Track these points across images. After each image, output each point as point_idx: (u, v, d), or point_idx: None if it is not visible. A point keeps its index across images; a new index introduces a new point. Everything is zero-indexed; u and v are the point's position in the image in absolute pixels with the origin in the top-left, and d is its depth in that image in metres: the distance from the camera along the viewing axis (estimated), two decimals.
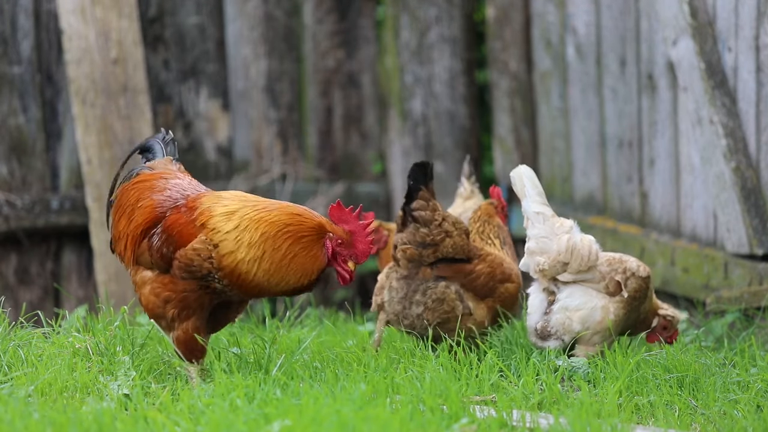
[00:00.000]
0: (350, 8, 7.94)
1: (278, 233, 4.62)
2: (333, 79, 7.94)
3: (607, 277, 5.16)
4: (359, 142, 8.01)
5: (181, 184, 4.82)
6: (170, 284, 4.67)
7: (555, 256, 5.15)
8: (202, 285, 4.65)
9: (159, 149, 4.98)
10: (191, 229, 4.64)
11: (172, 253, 4.65)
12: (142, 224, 4.74)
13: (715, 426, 4.43)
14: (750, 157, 6.19)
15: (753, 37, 6.12)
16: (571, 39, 7.36)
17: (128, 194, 4.83)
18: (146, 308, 4.72)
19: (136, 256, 4.74)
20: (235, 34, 7.75)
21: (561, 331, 5.15)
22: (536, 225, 5.20)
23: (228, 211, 4.65)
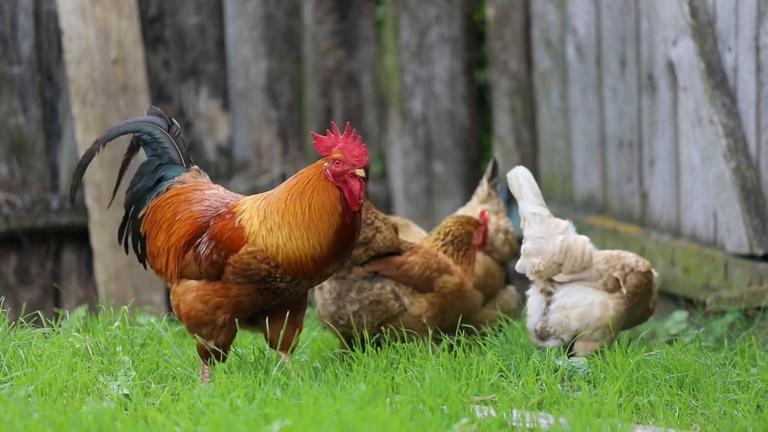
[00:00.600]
0: (350, 8, 7.94)
1: (287, 201, 4.62)
2: (333, 79, 7.94)
3: (604, 275, 5.17)
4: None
5: (218, 193, 4.81)
6: (222, 290, 4.66)
7: (550, 257, 5.15)
8: (261, 288, 4.63)
9: (167, 140, 4.92)
10: (241, 233, 4.63)
11: (224, 259, 4.63)
12: (185, 236, 4.72)
13: (715, 426, 4.43)
14: (750, 157, 6.19)
15: (753, 37, 6.12)
16: (571, 39, 7.36)
17: (162, 210, 4.79)
18: (187, 316, 4.68)
19: (180, 269, 4.71)
20: (235, 34, 7.75)
21: (560, 330, 5.15)
22: (533, 226, 5.20)
23: (248, 209, 4.66)
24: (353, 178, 4.62)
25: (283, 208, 4.62)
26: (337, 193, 4.62)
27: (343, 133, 4.67)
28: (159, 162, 4.89)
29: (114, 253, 7.33)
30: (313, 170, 4.66)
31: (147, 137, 4.92)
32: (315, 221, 4.60)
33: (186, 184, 4.85)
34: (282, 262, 4.60)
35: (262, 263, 4.61)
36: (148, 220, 4.82)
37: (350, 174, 4.63)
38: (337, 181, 4.63)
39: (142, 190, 4.87)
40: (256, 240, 4.61)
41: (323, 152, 4.67)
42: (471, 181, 7.82)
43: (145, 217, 4.83)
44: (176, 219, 4.76)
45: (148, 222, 4.82)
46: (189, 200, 4.79)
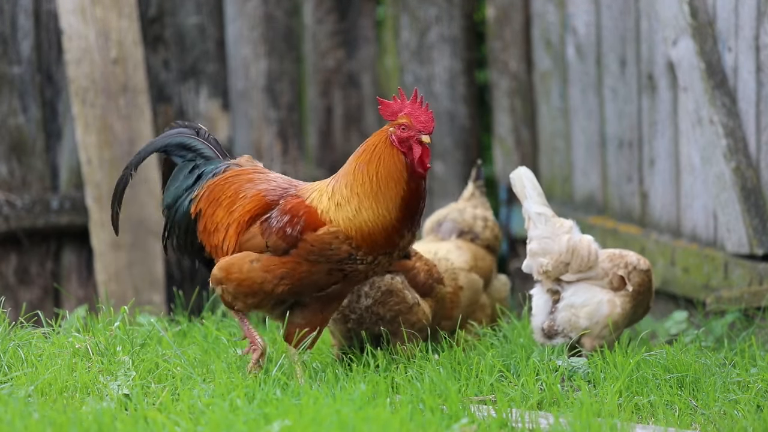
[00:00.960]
0: (350, 8, 7.94)
1: (355, 172, 4.63)
2: (333, 79, 7.94)
3: (610, 273, 5.20)
4: (359, 142, 7.97)
5: (281, 177, 4.83)
6: (290, 263, 4.64)
7: (557, 257, 5.17)
8: (333, 269, 4.63)
9: (198, 143, 4.93)
10: (316, 212, 4.64)
11: (299, 234, 4.63)
12: (251, 211, 4.71)
13: (715, 426, 4.43)
14: (750, 157, 6.19)
15: (753, 37, 6.12)
16: (571, 39, 7.36)
17: (222, 188, 4.80)
18: (240, 282, 4.69)
19: (241, 243, 4.71)
20: (235, 34, 7.75)
21: (568, 328, 5.17)
22: (538, 226, 5.22)
23: (318, 189, 4.68)
24: (418, 144, 4.62)
25: (351, 180, 4.63)
26: (402, 159, 4.62)
27: (410, 99, 4.67)
28: (194, 164, 4.91)
29: (114, 253, 7.33)
30: (379, 137, 4.67)
31: (176, 148, 4.94)
32: (382, 189, 4.60)
33: (244, 167, 4.87)
34: (355, 236, 4.59)
35: (343, 244, 4.60)
36: (203, 198, 4.82)
37: (416, 140, 4.63)
38: (402, 146, 4.62)
39: (181, 189, 4.88)
40: (329, 216, 4.61)
41: (389, 117, 4.68)
42: None
43: (198, 196, 4.83)
44: (239, 196, 4.76)
45: (204, 200, 4.82)
46: (253, 180, 4.80)
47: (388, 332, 5.09)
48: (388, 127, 4.68)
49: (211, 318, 5.79)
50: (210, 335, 5.41)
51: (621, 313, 5.18)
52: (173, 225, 4.90)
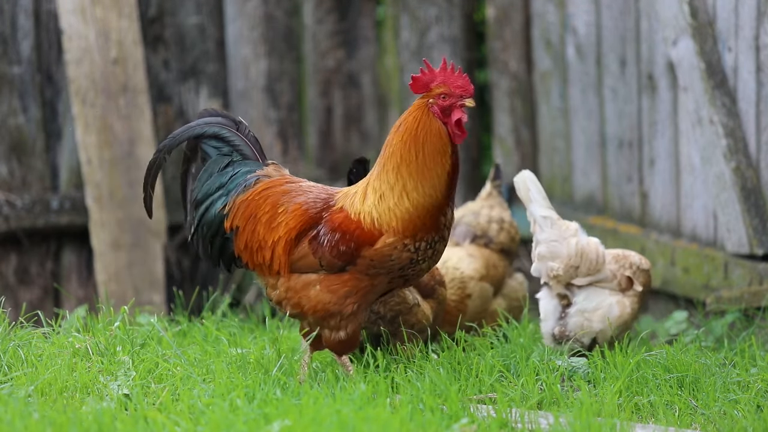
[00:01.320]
0: (350, 8, 7.94)
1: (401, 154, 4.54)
2: (333, 79, 7.94)
3: (618, 275, 5.22)
4: (359, 142, 8.01)
5: (315, 185, 4.73)
6: (351, 281, 4.58)
7: (567, 261, 5.17)
8: (395, 276, 4.59)
9: (237, 138, 4.79)
10: (368, 225, 4.56)
11: (354, 251, 4.55)
12: (297, 227, 4.62)
13: (715, 426, 4.43)
14: (750, 157, 6.19)
15: (753, 37, 6.12)
16: (571, 39, 7.36)
17: (257, 203, 4.68)
18: (314, 309, 4.62)
19: (292, 262, 4.62)
20: (235, 34, 7.75)
21: (580, 333, 5.18)
22: (545, 229, 5.21)
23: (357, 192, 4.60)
24: (460, 110, 4.54)
25: (397, 163, 4.53)
26: (444, 130, 4.53)
27: (439, 68, 4.57)
28: (230, 159, 4.77)
29: (114, 253, 7.34)
30: (418, 111, 4.56)
31: (211, 138, 4.79)
32: (428, 165, 4.52)
33: (272, 177, 4.75)
34: (399, 228, 4.51)
35: (403, 252, 4.55)
36: (239, 215, 4.69)
37: (458, 106, 4.54)
38: (444, 116, 4.53)
39: (213, 187, 4.75)
40: (373, 218, 4.53)
41: (420, 90, 4.56)
42: (471, 181, 7.82)
43: (231, 212, 4.70)
44: (279, 211, 4.65)
45: (240, 217, 4.69)
46: (288, 192, 4.69)
47: (387, 332, 5.08)
48: (423, 100, 4.55)
49: (211, 318, 5.79)
50: (210, 335, 5.41)
51: (631, 314, 5.21)
52: (201, 224, 4.77)
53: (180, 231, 7.67)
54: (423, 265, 4.61)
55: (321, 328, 4.64)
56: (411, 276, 4.63)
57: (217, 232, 4.75)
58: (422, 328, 5.11)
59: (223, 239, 4.75)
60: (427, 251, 4.58)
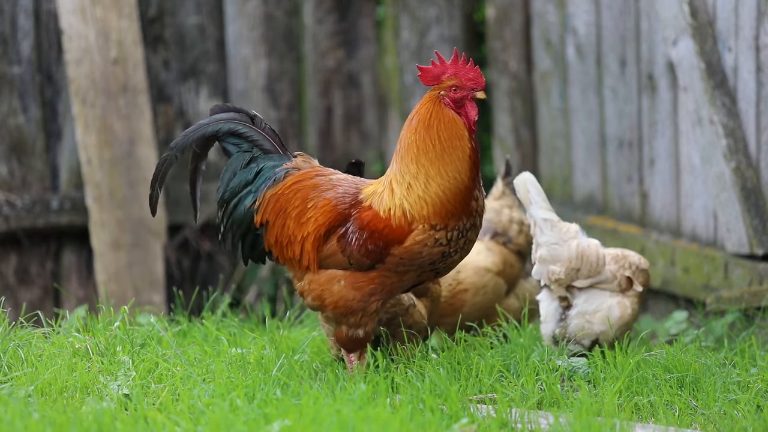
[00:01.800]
0: (350, 8, 7.94)
1: (417, 144, 4.54)
2: (333, 79, 7.94)
3: (618, 275, 5.22)
4: (359, 142, 8.01)
5: (345, 178, 4.70)
6: (378, 278, 4.55)
7: (567, 264, 5.17)
8: (426, 270, 4.56)
9: (255, 132, 4.73)
10: (399, 222, 4.53)
11: (383, 250, 4.52)
12: (326, 224, 4.60)
13: (715, 426, 4.43)
14: (750, 157, 6.19)
15: (753, 37, 6.12)
16: (571, 39, 7.36)
17: (287, 197, 4.66)
18: (336, 305, 4.59)
19: (321, 260, 4.60)
20: (235, 34, 7.75)
21: (581, 335, 5.19)
22: (545, 232, 5.21)
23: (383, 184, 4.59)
24: (471, 102, 4.55)
25: (415, 153, 4.54)
26: (456, 117, 4.53)
27: (450, 60, 4.57)
28: (251, 155, 4.72)
29: (114, 253, 7.34)
30: (430, 104, 4.56)
31: (228, 135, 4.74)
32: (447, 150, 4.51)
33: (303, 169, 4.71)
34: (431, 214, 4.50)
35: (435, 247, 4.52)
36: (269, 209, 4.66)
37: (470, 98, 4.55)
38: (456, 107, 4.53)
39: (239, 185, 4.72)
40: (404, 210, 4.51)
41: (431, 82, 4.57)
42: None
43: (261, 207, 4.67)
44: (308, 206, 4.62)
45: (270, 211, 4.66)
46: (317, 186, 4.67)
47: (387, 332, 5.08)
48: (434, 92, 4.55)
49: (211, 318, 5.79)
50: (210, 335, 5.41)
51: (631, 314, 5.21)
52: (231, 223, 4.74)
53: (180, 231, 7.67)
54: (455, 257, 4.56)
55: (338, 324, 4.63)
56: (442, 269, 4.60)
57: (248, 230, 4.72)
58: (420, 328, 5.11)
59: (254, 236, 4.73)
60: (459, 241, 4.54)
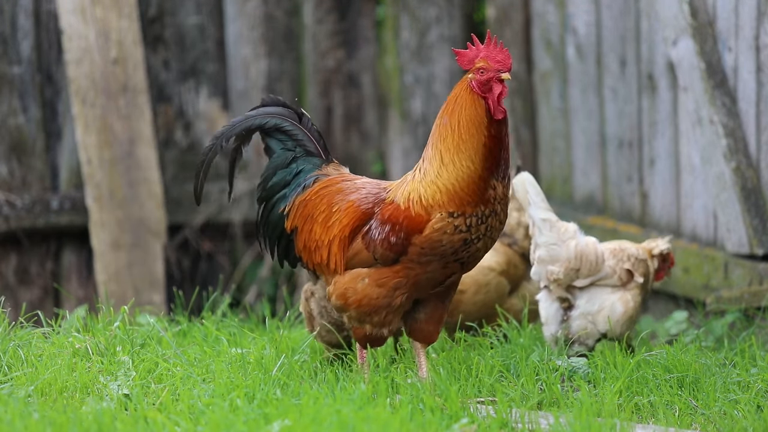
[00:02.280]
0: (350, 8, 7.94)
1: (439, 129, 4.54)
2: (333, 79, 7.94)
3: (617, 270, 5.22)
4: (359, 142, 8.01)
5: (370, 182, 4.70)
6: (402, 270, 4.53)
7: (567, 264, 5.17)
8: (448, 261, 4.52)
9: (300, 132, 4.73)
10: (418, 211, 4.51)
11: (405, 241, 4.51)
12: (349, 225, 4.60)
13: (716, 426, 4.43)
14: (750, 157, 6.19)
15: (753, 37, 6.12)
16: (571, 39, 7.36)
17: (314, 203, 4.66)
18: (359, 303, 4.58)
19: (347, 259, 4.60)
20: (235, 34, 7.75)
21: (584, 336, 5.19)
22: (544, 232, 5.21)
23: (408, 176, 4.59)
24: (498, 84, 4.51)
25: (435, 138, 4.54)
26: (482, 105, 4.51)
27: (484, 43, 4.56)
28: (293, 155, 4.72)
29: (114, 253, 7.34)
30: (460, 86, 4.57)
31: (274, 131, 4.74)
32: (464, 138, 4.49)
33: (331, 175, 4.72)
34: (445, 201, 4.48)
35: (455, 234, 4.49)
36: (298, 215, 4.68)
37: (495, 80, 4.52)
38: (482, 90, 4.51)
39: (278, 185, 4.72)
40: (419, 198, 4.50)
41: (467, 66, 4.57)
42: None
43: (291, 213, 4.69)
44: (333, 210, 4.63)
45: (299, 217, 4.68)
46: (342, 190, 4.67)
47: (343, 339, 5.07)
48: (466, 76, 4.55)
49: (211, 318, 5.79)
50: (210, 335, 5.41)
51: (635, 307, 5.21)
52: (266, 224, 4.74)
53: (180, 231, 7.67)
54: (478, 244, 4.52)
55: (361, 323, 4.61)
56: (467, 259, 4.55)
57: (282, 234, 4.73)
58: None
59: (287, 240, 4.73)
60: (480, 227, 4.51)
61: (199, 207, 4.90)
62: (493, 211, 4.53)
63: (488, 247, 4.59)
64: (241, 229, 7.76)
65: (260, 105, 4.80)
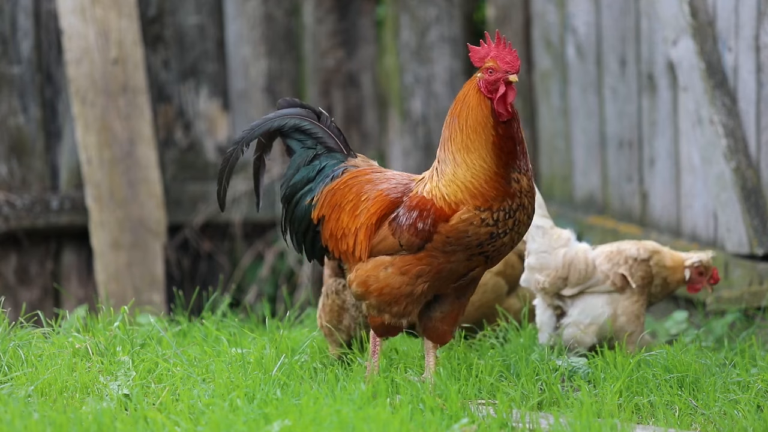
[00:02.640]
0: (350, 8, 7.94)
1: (450, 129, 4.56)
2: (333, 79, 7.94)
3: (611, 275, 5.18)
4: (359, 142, 8.01)
5: (399, 173, 4.70)
6: (426, 258, 4.51)
7: (554, 273, 5.15)
8: (472, 253, 4.50)
9: (320, 130, 4.74)
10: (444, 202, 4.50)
11: (431, 228, 4.49)
12: (377, 213, 4.59)
13: (716, 426, 4.43)
14: (750, 157, 6.19)
15: (753, 37, 6.12)
16: (571, 39, 7.36)
17: (343, 192, 4.66)
18: (380, 292, 4.56)
19: (372, 246, 4.58)
20: (235, 34, 7.75)
21: (575, 344, 5.17)
22: (536, 239, 5.19)
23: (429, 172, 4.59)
24: (505, 85, 4.53)
25: (446, 138, 4.56)
26: (488, 104, 4.52)
27: (495, 42, 4.57)
28: (315, 152, 4.73)
29: (114, 253, 7.34)
30: (468, 86, 4.58)
31: (293, 131, 4.76)
32: (471, 138, 4.51)
33: (360, 167, 4.72)
34: (467, 198, 4.47)
35: (481, 227, 4.47)
36: (325, 204, 4.67)
37: (503, 81, 4.54)
38: (489, 90, 4.52)
39: (301, 182, 4.73)
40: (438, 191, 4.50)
41: (478, 63, 4.57)
42: None
43: (318, 202, 4.68)
44: (362, 199, 4.63)
45: (326, 206, 4.67)
46: (372, 181, 4.66)
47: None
48: (475, 75, 4.56)
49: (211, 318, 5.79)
50: (210, 335, 5.41)
51: (632, 311, 5.17)
52: (292, 220, 4.74)
53: (180, 231, 7.68)
54: (504, 239, 4.50)
55: (380, 312, 4.59)
56: (492, 253, 4.53)
57: (309, 227, 4.73)
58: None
59: (314, 233, 4.73)
60: (507, 222, 4.48)
61: (221, 209, 4.90)
62: (521, 204, 4.52)
63: (515, 242, 4.57)
64: (241, 229, 7.76)
65: (277, 108, 4.81)
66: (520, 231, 4.55)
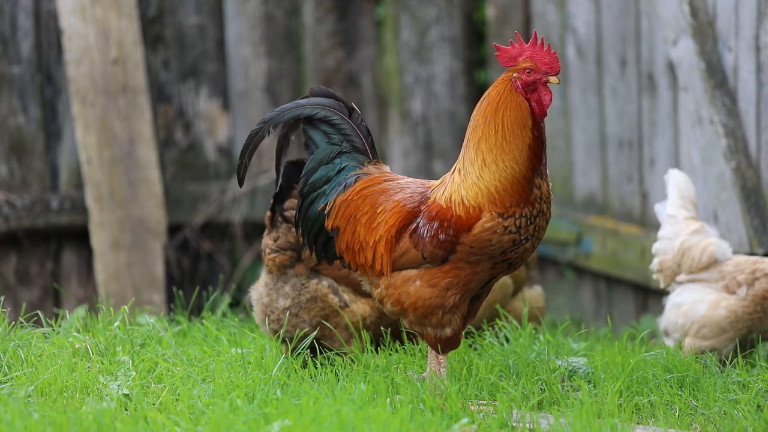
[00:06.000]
0: (350, 8, 7.94)
1: (483, 128, 4.46)
2: (333, 79, 7.94)
3: (727, 277, 5.18)
4: None
5: (413, 181, 4.62)
6: (452, 271, 4.45)
7: (671, 257, 5.31)
8: (497, 261, 4.46)
9: (348, 126, 4.65)
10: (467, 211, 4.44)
11: (454, 238, 4.43)
12: (396, 225, 4.51)
13: (716, 426, 4.43)
14: (750, 157, 6.19)
15: (753, 37, 6.12)
16: (572, 39, 7.36)
17: (357, 203, 4.58)
18: (414, 306, 4.50)
19: (394, 260, 4.51)
20: (235, 34, 7.75)
21: (671, 328, 5.23)
22: (665, 227, 5.35)
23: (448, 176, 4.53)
24: (544, 87, 4.46)
25: (477, 138, 4.45)
26: (526, 105, 4.43)
27: (529, 42, 4.49)
28: (339, 150, 4.64)
29: (114, 253, 7.34)
30: (502, 85, 4.48)
31: (322, 122, 4.66)
32: (508, 138, 4.41)
33: (372, 174, 4.63)
34: (487, 203, 4.41)
35: (504, 235, 4.42)
36: (340, 216, 4.60)
37: (543, 82, 4.46)
38: (527, 91, 4.44)
39: (320, 180, 4.64)
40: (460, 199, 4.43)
41: (508, 63, 4.49)
42: None
43: (332, 212, 4.61)
44: (377, 211, 4.55)
45: (341, 217, 4.59)
46: (385, 190, 4.58)
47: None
48: (508, 74, 4.47)
49: (211, 318, 5.79)
50: (210, 335, 5.41)
51: (726, 316, 5.14)
52: (306, 219, 4.66)
53: (180, 231, 7.68)
54: (526, 244, 4.46)
55: (423, 327, 4.52)
56: (515, 260, 4.48)
57: (320, 231, 4.65)
58: (358, 329, 5.00)
59: (326, 237, 4.65)
60: (529, 228, 4.43)
61: (239, 185, 4.80)
62: (540, 210, 4.47)
63: (535, 246, 4.52)
64: (241, 229, 7.76)
65: (309, 95, 4.71)
66: (540, 236, 4.51)
